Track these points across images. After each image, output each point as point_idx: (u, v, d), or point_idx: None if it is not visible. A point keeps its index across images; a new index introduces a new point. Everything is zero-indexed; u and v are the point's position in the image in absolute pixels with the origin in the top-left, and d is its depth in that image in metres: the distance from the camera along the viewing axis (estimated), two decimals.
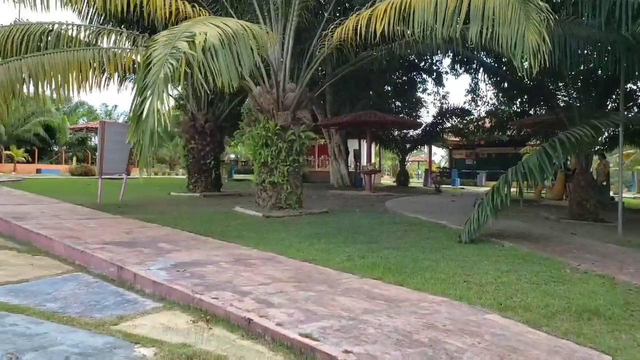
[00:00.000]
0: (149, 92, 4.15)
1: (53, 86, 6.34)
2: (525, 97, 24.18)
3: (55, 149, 41.13)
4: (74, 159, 36.43)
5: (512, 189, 7.07)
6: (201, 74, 4.74)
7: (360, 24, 6.67)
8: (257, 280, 4.08)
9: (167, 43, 4.59)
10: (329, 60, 10.92)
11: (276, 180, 8.95)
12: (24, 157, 35.50)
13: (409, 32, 6.40)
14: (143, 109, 4.18)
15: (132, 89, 4.91)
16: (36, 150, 38.12)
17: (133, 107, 4.36)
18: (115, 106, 53.72)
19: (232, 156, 48.07)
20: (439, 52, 9.94)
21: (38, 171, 33.53)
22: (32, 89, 6.39)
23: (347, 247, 5.84)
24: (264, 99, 9.01)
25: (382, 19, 6.27)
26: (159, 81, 4.14)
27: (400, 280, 4.37)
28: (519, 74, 5.29)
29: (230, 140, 29.78)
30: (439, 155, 55.00)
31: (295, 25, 9.07)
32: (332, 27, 8.14)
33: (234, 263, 4.73)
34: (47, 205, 9.35)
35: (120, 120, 48.60)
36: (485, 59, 14.85)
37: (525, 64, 5.29)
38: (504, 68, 15.76)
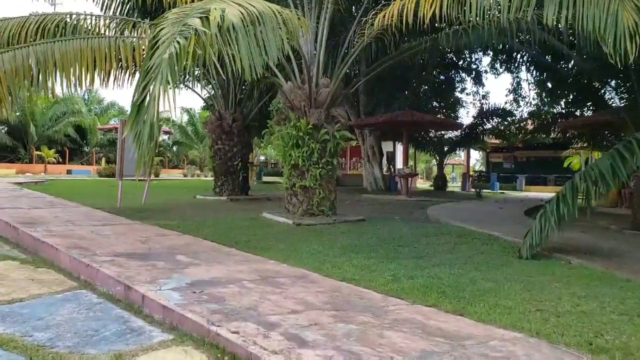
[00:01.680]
0: (152, 75, 3.57)
1: (64, 76, 5.83)
2: (571, 97, 23.14)
3: (86, 149, 41.54)
4: (103, 159, 36.62)
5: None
6: (216, 56, 4.11)
7: (407, 8, 6.00)
8: (286, 307, 3.45)
9: (177, 21, 4.01)
10: (365, 54, 10.22)
11: (308, 184, 8.33)
12: (55, 158, 35.91)
13: (463, 18, 5.66)
14: (145, 96, 3.60)
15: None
16: (67, 151, 38.56)
17: (135, 94, 3.79)
18: None
19: (262, 158, 47.78)
20: (487, 44, 9.10)
21: (69, 172, 33.86)
22: (43, 79, 5.89)
23: (391, 263, 5.16)
24: (295, 95, 8.40)
25: (433, 2, 5.58)
26: (162, 62, 3.56)
27: (459, 308, 3.67)
28: (612, 60, 4.47)
29: (259, 142, 29.39)
30: (473, 159, 53.59)
31: (331, 15, 8.43)
32: (372, 13, 7.46)
33: (259, 282, 4.11)
34: (63, 209, 8.94)
35: None
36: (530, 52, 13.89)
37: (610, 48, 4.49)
38: (562, 63, 14.84)
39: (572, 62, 18.73)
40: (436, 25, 6.50)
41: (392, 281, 4.36)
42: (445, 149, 27.98)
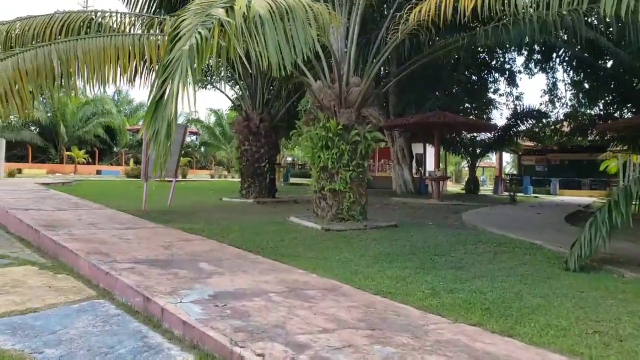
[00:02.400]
0: (171, 69, 3.33)
1: (87, 75, 5.67)
2: (610, 97, 22.38)
3: (116, 150, 42.06)
4: (132, 160, 37.00)
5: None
6: (242, 50, 3.84)
7: (446, 2, 5.66)
8: (316, 325, 3.17)
9: (199, 11, 3.77)
10: (396, 54, 9.89)
11: (337, 188, 8.04)
12: (85, 159, 36.46)
13: (507, 11, 5.30)
14: (164, 91, 3.37)
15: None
16: (97, 152, 39.11)
17: (153, 90, 3.56)
18: None
19: (289, 159, 47.63)
20: (527, 41, 8.66)
21: (98, 172, 34.35)
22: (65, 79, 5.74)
23: (427, 274, 4.84)
24: (325, 94, 8.12)
25: None
26: (183, 54, 3.31)
27: (506, 328, 3.34)
28: None
29: (287, 142, 29.20)
30: (504, 161, 52.43)
31: (362, 10, 8.12)
32: (407, 8, 7.12)
33: (286, 295, 3.84)
34: (87, 211, 8.85)
35: (180, 121, 49.26)
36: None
37: None
38: (601, 62, 14.28)
39: (612, 62, 18.07)
40: (473, 20, 6.13)
41: (431, 295, 4.04)
42: (478, 151, 27.37)
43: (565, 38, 10.79)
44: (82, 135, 37.97)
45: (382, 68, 19.61)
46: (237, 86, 13.97)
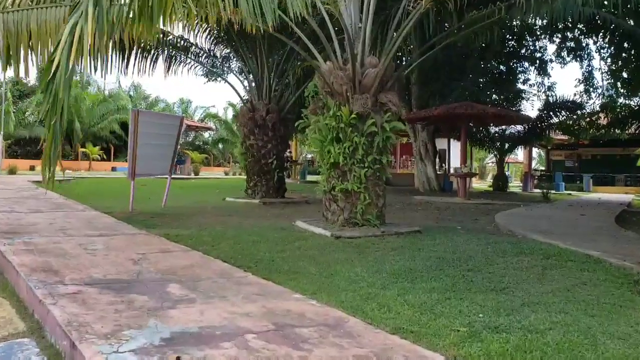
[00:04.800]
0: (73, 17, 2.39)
1: (41, 52, 4.75)
2: None
3: None
4: None
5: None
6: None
7: None
8: None
9: None
10: (420, 32, 8.85)
11: (350, 188, 7.02)
12: (99, 155, 36.17)
13: None
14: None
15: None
16: (112, 148, 38.78)
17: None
18: (190, 101, 53.71)
19: (309, 156, 46.42)
20: (571, 16, 7.56)
21: (113, 169, 34.16)
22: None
23: (461, 300, 3.83)
24: (336, 77, 7.10)
25: None
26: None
27: None
28: None
29: (305, 138, 28.20)
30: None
31: None
32: None
33: (270, 337, 2.86)
34: (65, 213, 8.01)
35: (197, 118, 48.54)
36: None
37: None
38: None
39: None
40: None
41: (469, 336, 3.02)
42: (507, 145, 26.14)
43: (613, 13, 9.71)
44: (97, 131, 37.83)
45: (403, 51, 18.61)
46: (243, 75, 12.99)
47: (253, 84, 12.24)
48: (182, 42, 11.92)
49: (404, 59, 19.78)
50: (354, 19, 7.22)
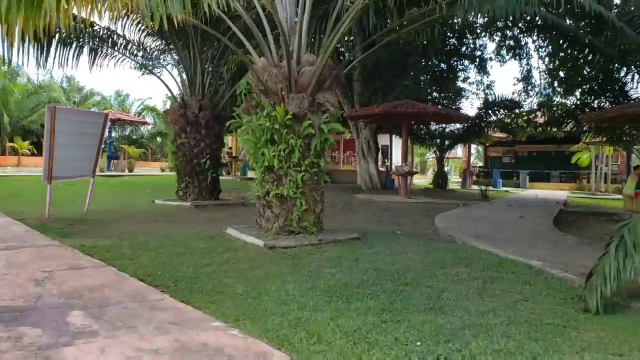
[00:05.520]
0: None
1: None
2: (587, 86, 21.86)
3: None
4: None
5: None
6: None
7: None
8: None
9: None
10: (360, 30, 8.59)
11: (286, 193, 6.66)
12: (29, 150, 34.25)
13: None
14: None
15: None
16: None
17: None
18: (127, 95, 51.88)
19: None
20: (513, 14, 7.45)
21: None
22: None
23: (398, 322, 3.56)
24: (270, 75, 6.71)
25: None
26: None
27: None
28: None
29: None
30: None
31: None
32: None
33: None
34: None
35: (134, 111, 46.85)
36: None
37: None
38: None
39: (588, 49, 17.35)
40: None
41: None
42: (447, 143, 26.48)
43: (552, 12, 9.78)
44: (27, 125, 35.84)
45: (346, 47, 18.39)
46: (176, 70, 12.35)
47: (185, 79, 11.64)
48: (108, 33, 11.17)
49: (347, 54, 19.61)
50: (290, 13, 6.85)
